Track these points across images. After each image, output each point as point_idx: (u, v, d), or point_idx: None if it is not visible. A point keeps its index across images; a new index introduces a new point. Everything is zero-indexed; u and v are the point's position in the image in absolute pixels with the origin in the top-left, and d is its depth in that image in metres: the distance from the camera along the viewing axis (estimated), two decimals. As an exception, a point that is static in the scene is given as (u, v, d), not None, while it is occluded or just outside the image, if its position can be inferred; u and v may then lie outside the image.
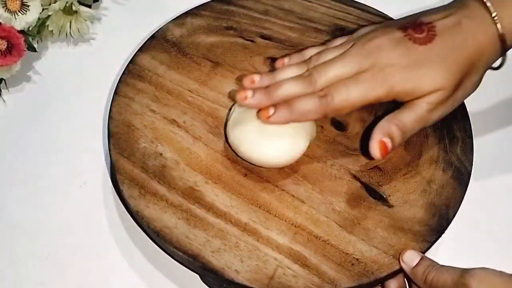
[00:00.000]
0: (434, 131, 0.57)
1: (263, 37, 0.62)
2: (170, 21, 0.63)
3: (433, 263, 0.49)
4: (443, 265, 0.49)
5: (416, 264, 0.49)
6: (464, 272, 0.46)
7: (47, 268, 0.53)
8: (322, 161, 0.55)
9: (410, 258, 0.50)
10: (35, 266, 0.53)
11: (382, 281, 0.50)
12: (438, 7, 0.54)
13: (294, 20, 0.63)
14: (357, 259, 0.50)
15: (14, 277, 0.52)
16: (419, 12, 0.54)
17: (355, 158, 0.55)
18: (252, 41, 0.62)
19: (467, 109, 0.58)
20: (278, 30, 0.62)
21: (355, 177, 0.54)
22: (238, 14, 0.63)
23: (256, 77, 0.53)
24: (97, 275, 0.53)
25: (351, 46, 0.52)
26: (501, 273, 0.45)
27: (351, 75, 0.51)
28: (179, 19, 0.63)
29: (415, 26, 0.51)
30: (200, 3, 0.65)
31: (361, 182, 0.54)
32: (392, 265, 0.50)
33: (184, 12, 0.64)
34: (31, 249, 0.54)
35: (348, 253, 0.50)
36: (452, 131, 0.57)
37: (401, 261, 0.50)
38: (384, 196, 0.53)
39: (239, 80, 0.55)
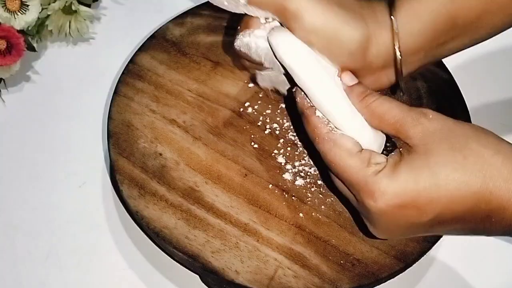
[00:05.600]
0: (434, 131, 0.57)
1: (263, 36, 0.62)
2: (170, 21, 0.63)
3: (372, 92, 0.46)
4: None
5: (355, 84, 0.47)
6: (413, 108, 0.44)
7: (47, 268, 0.53)
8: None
9: (350, 78, 0.47)
10: (35, 266, 0.53)
11: (383, 281, 0.50)
12: None
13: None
14: (358, 260, 0.50)
15: (14, 277, 0.52)
16: None
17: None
18: (252, 40, 0.61)
19: (468, 110, 0.58)
20: (278, 30, 0.62)
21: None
22: (239, 13, 0.63)
23: None
24: (97, 275, 0.53)
25: None
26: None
27: None
28: (179, 19, 0.63)
29: None
30: (200, 3, 0.64)
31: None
32: (393, 266, 0.49)
33: (184, 11, 0.63)
34: (31, 249, 0.54)
35: (348, 254, 0.50)
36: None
37: (338, 78, 0.47)
38: (385, 196, 0.53)
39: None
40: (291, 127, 0.57)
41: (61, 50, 0.65)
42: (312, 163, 0.54)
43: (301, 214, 0.52)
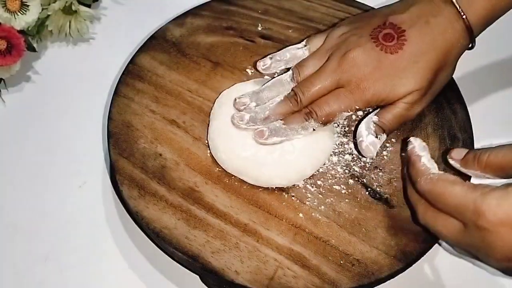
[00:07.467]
0: (434, 132, 0.57)
1: (263, 37, 0.62)
2: (170, 21, 0.63)
3: (482, 148, 0.49)
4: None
5: (466, 155, 0.50)
6: None
7: (47, 268, 0.53)
8: (322, 162, 0.55)
9: (458, 153, 0.51)
10: (35, 266, 0.53)
11: (383, 282, 0.50)
12: (402, 1, 0.56)
13: (294, 20, 0.63)
14: (358, 260, 0.50)
15: (14, 277, 0.52)
16: (388, 6, 0.56)
17: (356, 158, 0.55)
18: (252, 41, 0.62)
19: (468, 109, 0.58)
20: (278, 30, 0.62)
21: (355, 177, 0.54)
22: (238, 14, 0.63)
23: (246, 100, 0.55)
24: (97, 275, 0.53)
25: (327, 60, 0.55)
26: None
27: (330, 90, 0.54)
28: (179, 19, 0.63)
29: (385, 34, 0.54)
30: (200, 3, 0.64)
31: (362, 183, 0.54)
32: (393, 266, 0.49)
33: (184, 12, 0.64)
34: (31, 249, 0.54)
35: (348, 254, 0.50)
36: (453, 131, 0.57)
37: (449, 159, 0.51)
38: (385, 197, 0.53)
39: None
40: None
41: (61, 50, 0.65)
42: (312, 163, 0.54)
43: (300, 214, 0.52)
